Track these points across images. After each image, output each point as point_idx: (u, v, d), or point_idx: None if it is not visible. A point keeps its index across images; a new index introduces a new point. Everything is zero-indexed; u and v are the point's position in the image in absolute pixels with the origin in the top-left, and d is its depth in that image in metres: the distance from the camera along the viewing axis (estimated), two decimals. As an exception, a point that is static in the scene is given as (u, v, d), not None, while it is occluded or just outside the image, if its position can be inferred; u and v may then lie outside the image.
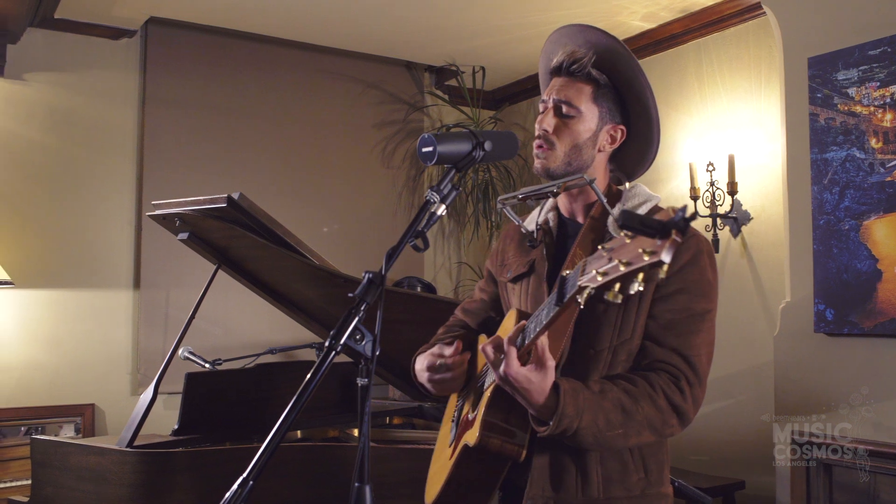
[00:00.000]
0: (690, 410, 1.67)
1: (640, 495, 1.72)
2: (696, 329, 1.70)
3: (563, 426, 1.57)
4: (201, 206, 2.94)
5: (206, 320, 4.70)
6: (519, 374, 1.54)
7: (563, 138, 1.78)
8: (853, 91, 3.10)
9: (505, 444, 1.69)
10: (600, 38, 1.83)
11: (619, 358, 1.71)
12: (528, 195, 1.86)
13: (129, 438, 2.90)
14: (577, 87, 1.79)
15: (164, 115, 4.87)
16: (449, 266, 5.84)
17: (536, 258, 1.87)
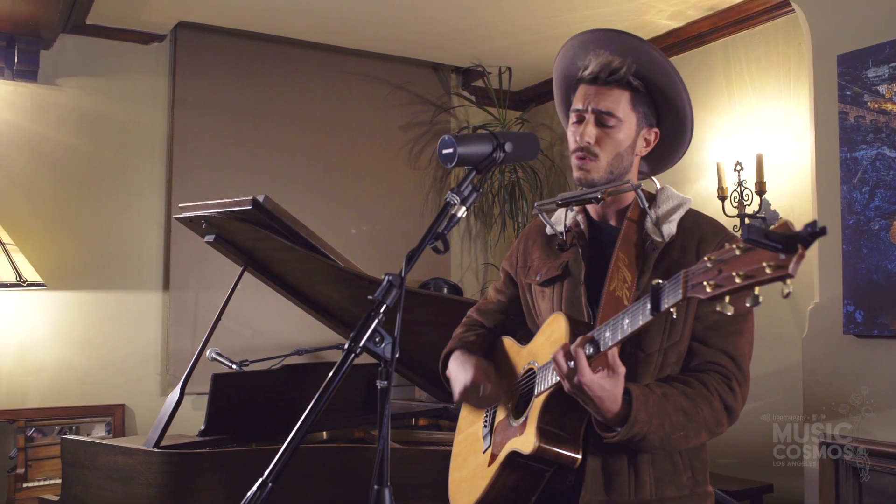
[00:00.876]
0: (739, 409, 1.72)
1: (690, 494, 1.76)
2: (739, 329, 1.73)
3: (633, 432, 1.60)
4: (227, 208, 2.97)
5: (235, 321, 4.74)
6: (593, 382, 1.55)
7: (606, 148, 1.79)
8: (883, 88, 3.05)
9: (562, 451, 1.70)
10: (634, 43, 1.83)
11: (669, 360, 1.74)
12: (568, 201, 1.86)
13: (156, 439, 2.93)
14: (615, 96, 1.78)
15: (193, 118, 4.92)
16: (476, 267, 5.84)
17: (569, 261, 1.87)
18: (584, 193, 1.81)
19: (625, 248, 1.76)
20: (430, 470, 2.98)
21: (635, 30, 4.65)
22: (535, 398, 1.75)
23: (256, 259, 3.33)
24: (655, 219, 1.77)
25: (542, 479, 1.77)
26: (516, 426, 1.80)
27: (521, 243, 2.07)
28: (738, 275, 1.20)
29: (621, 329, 1.51)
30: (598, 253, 1.84)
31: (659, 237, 1.74)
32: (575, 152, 1.81)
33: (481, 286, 5.81)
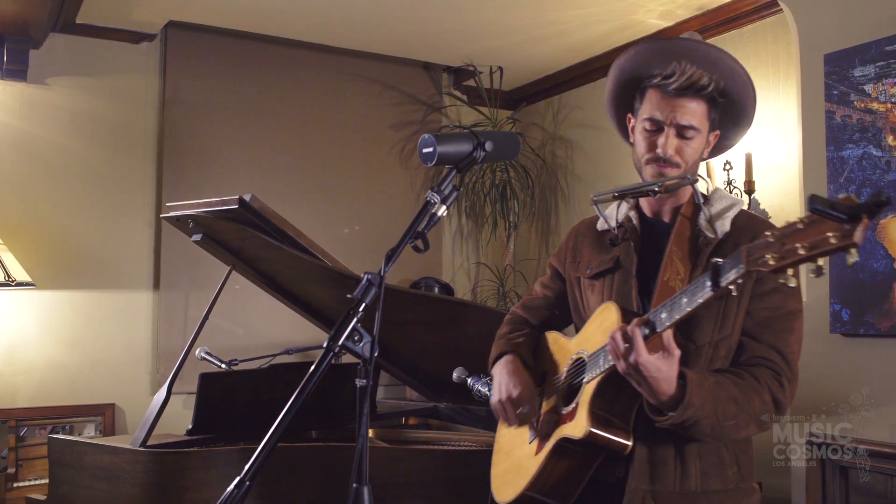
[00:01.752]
0: (788, 405, 1.76)
1: (735, 489, 1.78)
2: (790, 327, 1.78)
3: (686, 416, 1.62)
4: (213, 207, 2.97)
5: (227, 320, 4.74)
6: (649, 363, 1.58)
7: (687, 157, 1.84)
8: (869, 88, 3.05)
9: (612, 437, 1.73)
10: (717, 55, 1.86)
11: (719, 353, 1.77)
12: (625, 193, 1.89)
13: (143, 438, 2.93)
14: (694, 108, 1.82)
15: (184, 118, 4.91)
16: (467, 267, 5.84)
17: (621, 255, 1.91)
18: (640, 186, 1.85)
19: (678, 242, 1.81)
20: (419, 469, 2.98)
21: (624, 29, 4.68)
22: (586, 384, 1.79)
23: (244, 258, 3.33)
24: (709, 216, 1.82)
25: (590, 468, 1.80)
26: (565, 413, 1.84)
27: (571, 239, 2.11)
28: (802, 246, 1.25)
29: (678, 308, 1.55)
30: (650, 247, 1.89)
31: (712, 233, 1.79)
32: (653, 162, 1.85)
33: (473, 285, 5.82)
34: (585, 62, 5.29)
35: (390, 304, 2.76)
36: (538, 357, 2.06)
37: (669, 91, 1.81)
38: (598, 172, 5.29)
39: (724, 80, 1.82)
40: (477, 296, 5.73)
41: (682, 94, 1.80)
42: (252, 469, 1.46)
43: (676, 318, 1.55)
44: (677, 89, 1.80)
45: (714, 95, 1.81)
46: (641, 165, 1.88)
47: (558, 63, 5.38)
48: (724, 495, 1.76)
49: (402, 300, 3.37)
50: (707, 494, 1.74)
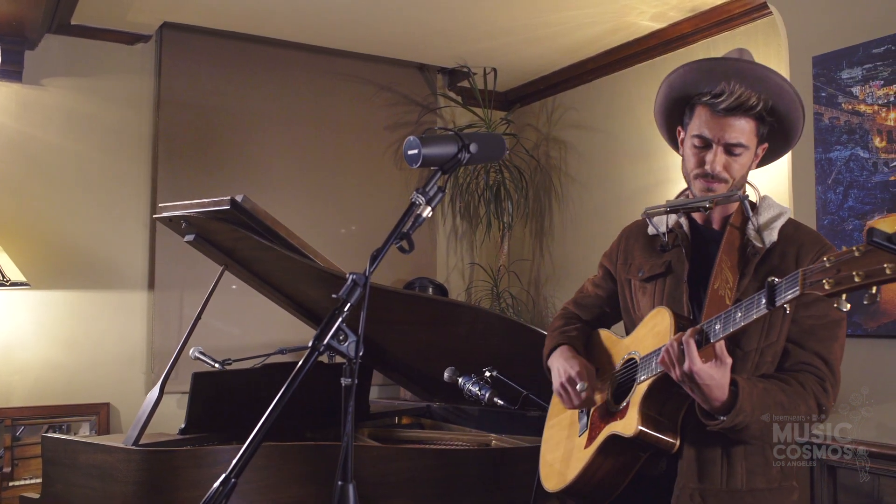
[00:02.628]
0: (831, 408, 1.84)
1: (779, 487, 1.86)
2: (834, 335, 1.85)
3: (737, 421, 1.70)
4: (205, 208, 2.99)
5: (222, 320, 4.76)
6: (702, 371, 1.66)
7: (734, 174, 1.89)
8: (857, 90, 3.08)
9: (661, 436, 1.82)
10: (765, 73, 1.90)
11: (765, 359, 1.84)
12: (676, 209, 1.95)
13: (136, 437, 2.95)
14: (742, 126, 1.86)
15: (179, 119, 4.93)
16: (461, 267, 5.86)
17: (672, 260, 1.98)
18: (691, 202, 1.91)
19: (728, 251, 1.87)
20: (410, 468, 3.00)
21: (618, 31, 4.70)
22: (638, 385, 1.86)
23: (237, 259, 3.35)
24: (757, 226, 1.87)
25: (636, 464, 1.88)
26: (616, 411, 1.91)
27: (622, 241, 2.18)
28: (857, 274, 1.34)
29: (733, 322, 1.63)
30: (700, 254, 1.95)
31: (760, 243, 1.85)
32: (702, 177, 1.90)
33: (467, 286, 5.83)
34: (579, 63, 5.31)
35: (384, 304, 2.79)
36: (590, 352, 2.15)
37: (718, 110, 1.85)
38: (592, 173, 5.31)
39: (773, 98, 1.86)
40: (471, 296, 5.75)
41: (731, 113, 1.84)
42: (238, 466, 1.48)
43: (730, 331, 1.63)
44: (726, 109, 1.84)
45: (763, 114, 1.86)
46: (690, 179, 1.94)
47: (552, 64, 5.41)
48: (768, 493, 1.84)
49: (394, 300, 3.39)
50: (753, 493, 1.82)
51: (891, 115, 2.97)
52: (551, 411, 2.26)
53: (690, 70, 1.95)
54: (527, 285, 5.78)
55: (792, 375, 1.81)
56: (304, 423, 3.51)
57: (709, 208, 1.88)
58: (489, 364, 2.88)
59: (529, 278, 5.80)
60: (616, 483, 1.91)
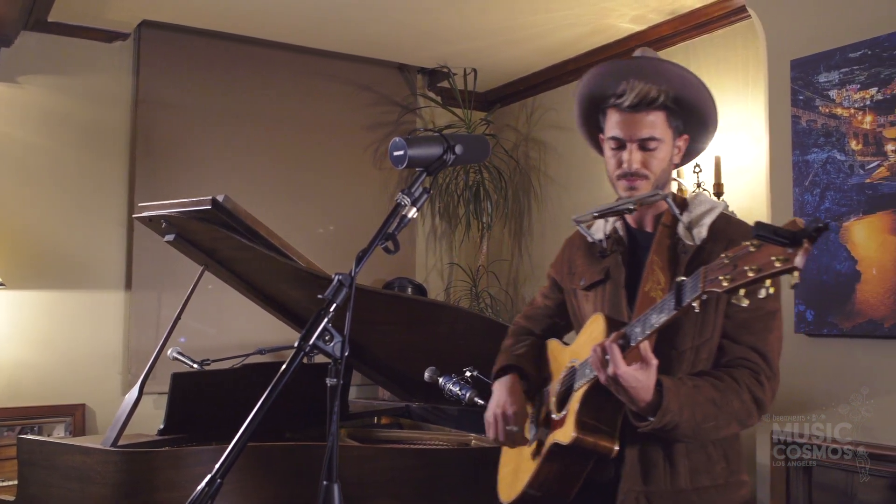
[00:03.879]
0: (768, 402, 1.81)
1: (724, 484, 1.85)
2: (769, 327, 1.84)
3: (665, 421, 1.68)
4: (186, 208, 2.97)
5: (200, 321, 4.73)
6: (627, 374, 1.64)
7: (653, 169, 1.89)
8: (834, 93, 3.12)
9: (598, 441, 1.80)
10: (665, 67, 1.93)
11: (700, 356, 1.83)
12: (604, 214, 1.95)
13: (114, 438, 2.93)
14: (652, 120, 1.88)
15: (157, 118, 4.90)
16: (440, 267, 5.87)
17: (611, 266, 1.97)
18: (616, 205, 1.91)
19: (659, 252, 1.87)
20: (390, 468, 3.00)
21: (597, 33, 4.73)
22: (575, 392, 1.86)
23: (217, 259, 3.34)
24: (688, 223, 1.87)
25: (583, 471, 1.87)
26: (558, 419, 1.90)
27: (566, 251, 2.18)
28: (750, 269, 1.32)
29: (649, 324, 1.62)
30: (637, 258, 1.95)
31: (690, 241, 1.84)
32: (623, 177, 1.91)
33: (446, 286, 5.84)
34: (558, 65, 5.33)
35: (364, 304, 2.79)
36: (542, 364, 2.13)
37: (624, 109, 1.88)
38: (571, 174, 5.34)
39: (674, 89, 1.87)
40: (450, 296, 5.76)
41: (636, 109, 1.86)
42: (223, 467, 1.48)
43: (648, 333, 1.62)
44: (630, 106, 1.87)
45: (668, 105, 1.87)
46: (614, 182, 1.95)
47: (531, 66, 5.43)
48: (713, 491, 1.83)
49: (375, 301, 3.39)
50: (698, 491, 1.81)
51: (867, 119, 3.01)
52: None
53: (592, 76, 1.98)
54: (505, 285, 5.80)
55: (726, 371, 1.79)
56: (283, 423, 3.49)
57: (633, 209, 1.88)
58: (469, 364, 2.88)
59: (508, 278, 5.81)
60: (565, 491, 1.90)
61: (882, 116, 2.97)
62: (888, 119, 2.95)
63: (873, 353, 2.98)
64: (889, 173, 2.93)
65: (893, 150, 2.93)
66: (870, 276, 2.96)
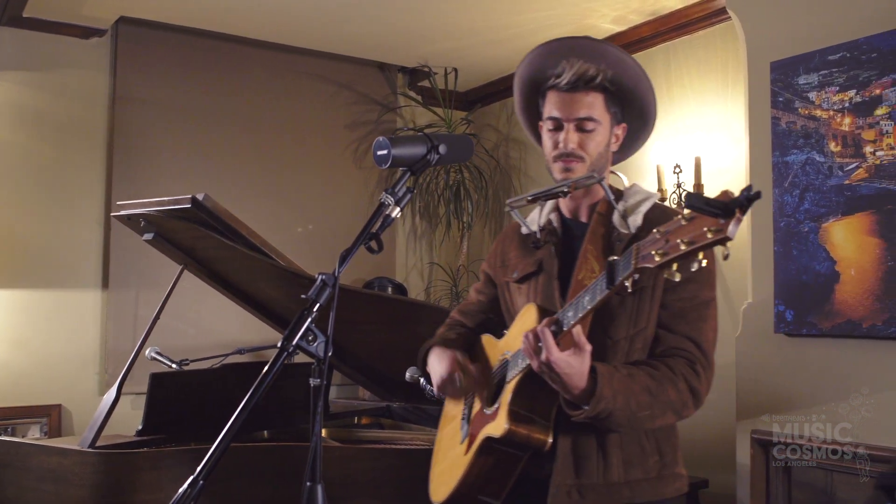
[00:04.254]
0: (704, 392, 1.79)
1: (658, 476, 1.83)
2: (704, 316, 1.82)
3: (599, 408, 1.66)
4: (166, 206, 2.94)
5: (178, 320, 4.68)
6: (560, 360, 1.61)
7: (590, 151, 1.88)
8: (813, 95, 3.14)
9: (532, 433, 1.76)
10: (604, 48, 1.93)
11: (635, 346, 1.81)
12: (538, 196, 1.93)
13: (92, 439, 2.89)
14: (591, 100, 1.87)
15: (135, 115, 4.85)
16: (420, 267, 5.86)
17: (544, 257, 1.95)
18: (551, 188, 1.88)
19: (593, 241, 1.85)
20: (370, 468, 2.99)
21: (578, 33, 4.72)
22: (507, 383, 1.82)
23: (196, 258, 3.31)
24: (623, 211, 1.85)
25: (517, 465, 1.83)
26: (490, 413, 1.87)
27: (499, 244, 2.15)
28: (682, 241, 1.28)
29: (581, 306, 1.59)
30: (571, 248, 1.92)
31: (625, 229, 1.82)
32: (558, 158, 1.89)
33: (426, 285, 5.83)
34: (539, 65, 5.33)
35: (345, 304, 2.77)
36: (474, 359, 2.08)
37: (562, 87, 1.87)
38: (551, 174, 5.34)
39: (613, 69, 1.86)
40: (430, 296, 5.75)
41: (575, 88, 1.85)
42: (206, 468, 1.47)
43: (581, 316, 1.59)
44: (568, 83, 1.85)
45: (606, 85, 1.86)
46: (551, 165, 1.93)
47: (512, 65, 5.35)
48: (646, 484, 1.80)
49: (356, 300, 3.38)
50: (630, 484, 1.79)
51: (845, 121, 3.03)
52: (441, 422, 2.20)
53: (533, 57, 1.97)
54: (469, 290, 5.79)
55: (661, 360, 1.78)
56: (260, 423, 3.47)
57: (567, 192, 1.86)
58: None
59: (488, 278, 5.80)
60: (499, 487, 1.85)
61: (860, 119, 2.99)
62: (867, 121, 2.98)
63: (852, 353, 3.01)
64: (868, 175, 2.96)
65: (872, 152, 2.96)
66: (849, 276, 2.99)
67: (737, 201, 1.21)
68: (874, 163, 2.95)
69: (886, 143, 2.92)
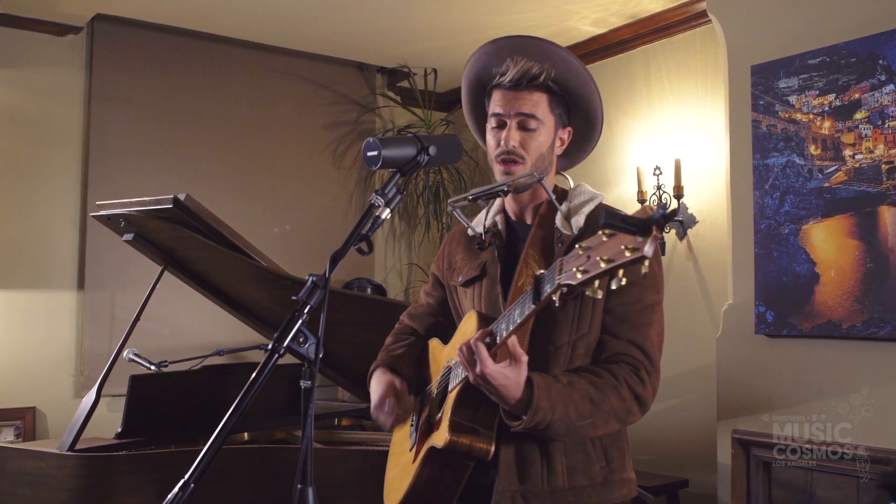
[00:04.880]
0: (650, 398, 1.76)
1: (603, 482, 1.79)
2: (649, 321, 1.78)
3: (537, 419, 1.63)
4: (147, 206, 2.91)
5: (153, 321, 4.62)
6: (495, 372, 1.58)
7: (531, 151, 1.84)
8: (794, 99, 3.17)
9: (473, 443, 1.74)
10: (550, 48, 1.89)
11: (577, 352, 1.77)
12: (478, 196, 1.88)
13: (71, 442, 2.86)
14: (535, 99, 1.84)
15: (111, 114, 4.79)
16: (399, 267, 5.84)
17: (487, 261, 1.91)
18: (492, 187, 1.85)
19: (534, 244, 1.82)
20: (353, 470, 2.98)
21: (558, 35, 4.75)
22: (449, 393, 1.79)
23: (177, 258, 3.28)
24: (566, 212, 1.82)
25: (464, 473, 1.80)
26: (435, 422, 1.85)
27: (447, 246, 2.12)
28: (602, 259, 1.24)
29: (512, 320, 1.54)
30: (515, 252, 1.89)
31: (568, 230, 1.79)
32: (499, 156, 1.85)
33: (405, 286, 5.82)
34: (518, 66, 5.34)
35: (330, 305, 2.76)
36: (423, 365, 2.06)
37: (506, 85, 1.84)
38: (531, 175, 5.35)
39: (556, 68, 1.83)
40: (409, 296, 5.74)
41: (518, 86, 1.83)
42: (197, 471, 1.44)
43: (513, 329, 1.55)
44: (512, 81, 1.83)
45: (549, 85, 1.83)
46: (493, 165, 1.90)
47: (492, 67, 5.42)
48: (591, 490, 1.77)
49: (336, 301, 3.36)
50: (574, 490, 1.76)
51: (825, 125, 3.07)
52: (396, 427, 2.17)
53: (478, 55, 1.94)
54: (418, 293, 5.78)
55: (604, 367, 1.74)
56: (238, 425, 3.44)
57: (507, 191, 1.83)
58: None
59: (467, 279, 5.80)
60: (447, 495, 1.83)
61: (840, 122, 3.03)
62: (846, 125, 3.01)
63: (832, 353, 3.04)
64: (847, 178, 3.00)
65: (851, 156, 2.99)
66: (828, 278, 3.02)
67: (653, 219, 1.17)
68: (853, 166, 2.98)
69: (865, 147, 2.96)
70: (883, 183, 2.90)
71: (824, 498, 3.01)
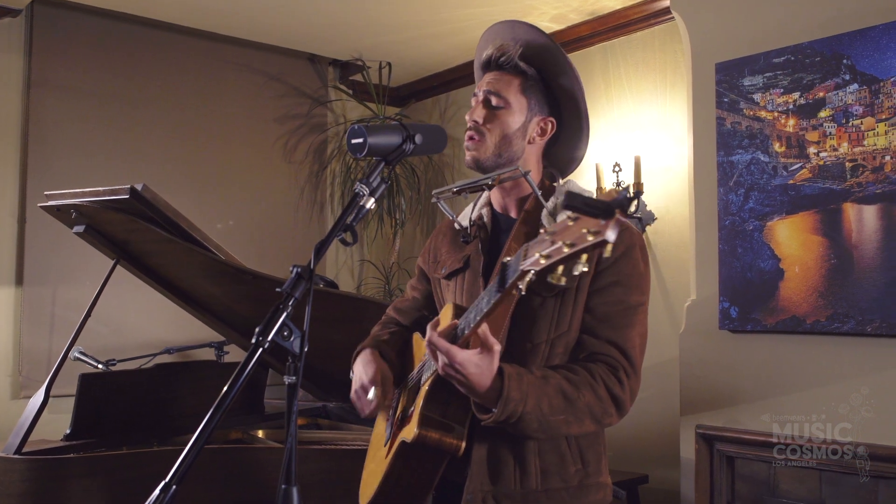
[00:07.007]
0: (628, 401, 1.71)
1: (578, 486, 1.74)
2: (630, 322, 1.74)
3: (508, 411, 1.57)
4: (101, 197, 2.78)
5: (93, 318, 4.44)
6: (466, 361, 1.53)
7: (493, 129, 1.82)
8: (758, 97, 3.20)
9: (443, 438, 1.68)
10: (529, 33, 1.87)
11: (556, 351, 1.73)
12: (462, 188, 1.86)
13: (18, 444, 2.72)
14: (506, 80, 1.83)
15: (52, 101, 4.59)
16: (351, 264, 5.75)
17: (471, 253, 1.88)
18: (476, 180, 1.83)
19: (518, 238, 1.78)
20: (316, 470, 2.90)
21: (518, 30, 4.72)
22: (422, 387, 1.75)
23: (130, 252, 3.15)
24: (553, 208, 1.77)
25: (437, 468, 1.75)
26: (408, 416, 1.80)
27: (433, 239, 2.08)
28: (566, 244, 1.20)
29: (479, 309, 1.50)
30: (499, 244, 1.86)
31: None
32: (466, 132, 1.85)
33: (357, 283, 5.74)
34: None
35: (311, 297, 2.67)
36: (406, 358, 2.02)
37: (483, 66, 1.88)
38: (485, 172, 5.32)
39: (533, 53, 1.83)
40: (362, 293, 5.66)
41: (493, 66, 1.85)
42: (178, 472, 1.37)
43: (479, 319, 1.51)
44: (486, 60, 1.86)
45: (521, 67, 1.82)
46: None
47: (448, 61, 5.38)
48: (565, 493, 1.73)
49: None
50: (548, 493, 1.72)
51: (790, 122, 3.10)
52: (377, 420, 2.12)
53: (481, 40, 1.98)
54: (407, 286, 5.74)
55: (581, 364, 1.70)
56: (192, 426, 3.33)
57: (492, 185, 1.82)
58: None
59: (420, 276, 5.75)
60: (419, 490, 1.79)
61: (804, 120, 3.06)
62: (810, 123, 3.05)
63: (796, 348, 3.07)
64: (811, 175, 3.03)
65: (815, 153, 3.03)
66: (793, 273, 3.05)
67: (616, 201, 1.14)
68: (818, 163, 3.02)
69: (829, 145, 3.00)
70: (847, 180, 2.94)
71: (787, 490, 3.05)
